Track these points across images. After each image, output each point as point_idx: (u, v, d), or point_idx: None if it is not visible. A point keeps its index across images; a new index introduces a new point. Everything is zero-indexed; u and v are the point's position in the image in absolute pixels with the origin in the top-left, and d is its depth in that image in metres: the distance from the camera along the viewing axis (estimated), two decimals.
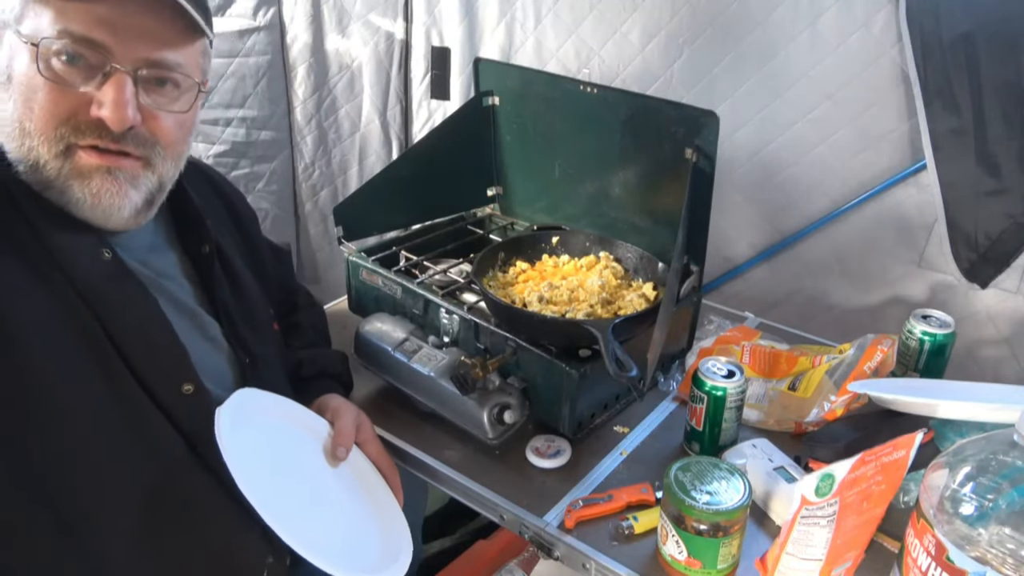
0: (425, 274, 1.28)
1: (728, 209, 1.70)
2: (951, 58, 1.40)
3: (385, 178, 1.38)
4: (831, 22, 1.50)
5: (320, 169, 2.26)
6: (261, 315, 1.03)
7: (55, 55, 0.72)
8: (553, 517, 0.99)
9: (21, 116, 0.73)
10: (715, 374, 1.05)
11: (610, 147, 1.32)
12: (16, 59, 0.73)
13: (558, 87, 1.39)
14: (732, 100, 1.64)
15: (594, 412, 1.15)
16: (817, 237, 1.67)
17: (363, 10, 2.03)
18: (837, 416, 1.08)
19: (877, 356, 1.13)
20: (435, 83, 2.07)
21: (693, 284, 1.24)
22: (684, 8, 1.62)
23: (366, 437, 1.04)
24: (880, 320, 1.61)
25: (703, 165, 1.16)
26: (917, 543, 0.76)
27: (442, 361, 1.12)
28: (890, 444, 0.79)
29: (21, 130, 0.74)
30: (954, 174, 1.45)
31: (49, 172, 0.75)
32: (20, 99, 0.73)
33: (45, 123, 0.74)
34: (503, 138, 1.50)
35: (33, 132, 0.74)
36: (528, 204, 1.53)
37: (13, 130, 0.74)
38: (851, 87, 1.52)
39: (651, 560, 0.92)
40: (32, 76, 0.73)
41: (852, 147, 1.56)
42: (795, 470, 1.00)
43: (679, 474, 0.89)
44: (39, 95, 0.73)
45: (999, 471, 0.71)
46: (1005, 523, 0.68)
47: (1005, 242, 1.45)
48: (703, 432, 1.07)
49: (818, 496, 0.78)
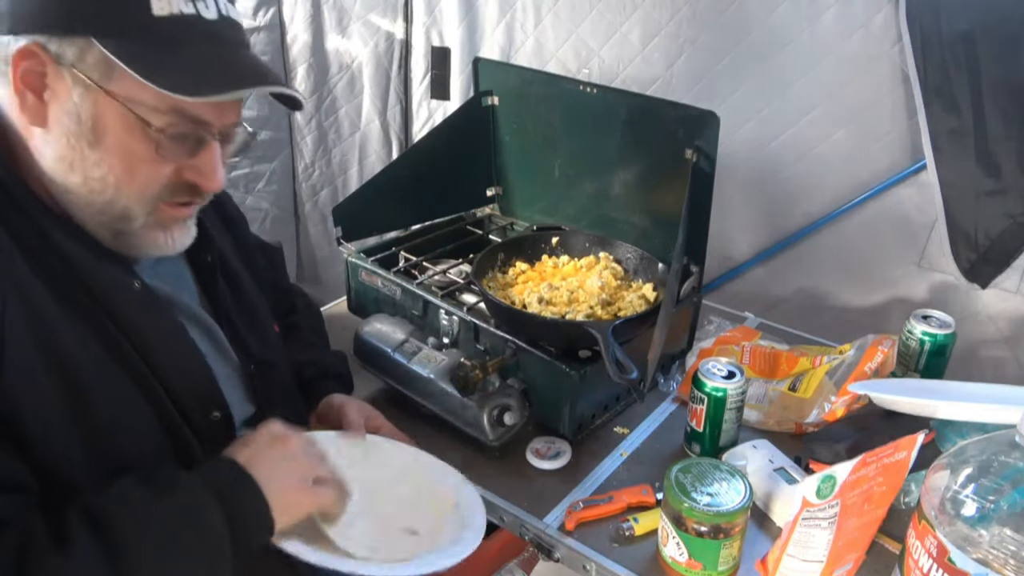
0: (424, 275, 1.28)
1: (728, 209, 1.70)
2: (951, 58, 1.40)
3: (385, 178, 1.38)
4: (831, 22, 1.50)
5: (320, 169, 2.26)
6: (262, 318, 1.03)
7: (165, 134, 0.72)
8: (553, 519, 0.99)
9: (119, 180, 0.74)
10: (715, 375, 1.04)
11: (610, 147, 1.32)
12: (108, 121, 0.72)
13: (558, 87, 1.39)
14: (732, 100, 1.64)
15: (594, 413, 1.14)
16: (817, 237, 1.67)
17: (363, 10, 2.03)
18: (837, 417, 1.08)
19: (877, 356, 1.13)
20: (435, 83, 2.07)
21: (693, 284, 1.24)
22: (684, 8, 1.62)
23: (377, 424, 1.04)
24: (880, 320, 1.61)
25: (703, 165, 1.16)
26: (919, 544, 0.75)
27: (442, 362, 1.12)
28: (891, 445, 0.79)
29: (116, 190, 0.74)
30: (954, 174, 1.45)
31: (133, 223, 0.77)
32: (119, 165, 0.73)
33: (145, 189, 0.75)
34: (502, 138, 1.50)
35: (131, 195, 0.75)
36: (528, 204, 1.53)
37: (104, 187, 0.74)
38: (851, 87, 1.52)
39: (652, 562, 0.92)
40: (138, 149, 0.73)
41: (852, 147, 1.56)
42: (796, 471, 1.00)
43: (680, 475, 0.89)
44: (144, 167, 0.74)
45: (1000, 472, 0.71)
46: (1007, 524, 0.68)
47: (1005, 242, 1.45)
48: (703, 433, 1.06)
49: (819, 498, 0.78)
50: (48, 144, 0.73)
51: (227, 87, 0.72)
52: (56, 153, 0.73)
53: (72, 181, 0.74)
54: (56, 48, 0.69)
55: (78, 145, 0.72)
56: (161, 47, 0.70)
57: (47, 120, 0.72)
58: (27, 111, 0.72)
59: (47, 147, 0.73)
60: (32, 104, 0.71)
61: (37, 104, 0.71)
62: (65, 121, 0.71)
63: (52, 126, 0.72)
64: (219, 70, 0.73)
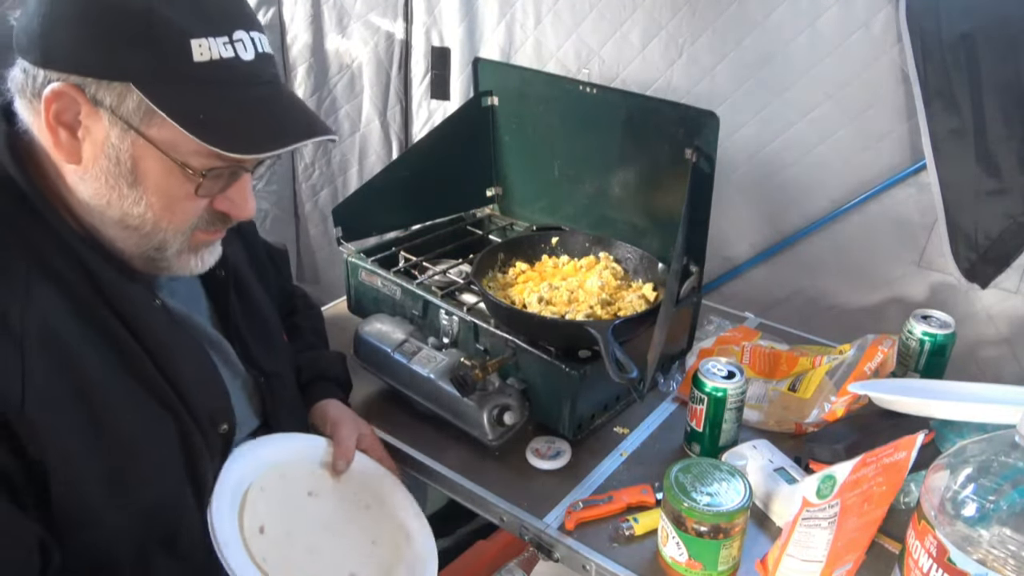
0: (424, 275, 1.28)
1: (728, 209, 1.70)
2: (951, 58, 1.39)
3: (385, 178, 1.38)
4: (831, 22, 1.50)
5: (320, 169, 2.26)
6: (272, 330, 1.04)
7: (205, 176, 0.73)
8: (553, 519, 0.99)
9: (158, 217, 0.74)
10: (715, 375, 1.04)
11: (610, 147, 1.31)
12: (148, 164, 0.71)
13: (558, 87, 1.39)
14: (732, 100, 1.63)
15: (594, 413, 1.14)
16: (817, 237, 1.67)
17: (363, 10, 2.03)
18: (837, 417, 1.08)
19: (877, 357, 1.13)
20: (435, 83, 2.07)
21: (693, 285, 1.24)
22: (684, 8, 1.62)
23: (367, 444, 1.04)
24: (880, 320, 1.61)
25: (703, 165, 1.16)
26: (918, 544, 0.75)
27: (442, 362, 1.12)
28: (891, 445, 0.79)
29: (155, 225, 0.75)
30: (954, 174, 1.45)
31: (167, 251, 0.78)
32: (158, 203, 0.73)
33: (183, 223, 0.76)
34: (502, 138, 1.50)
35: (169, 228, 0.76)
36: (527, 204, 1.53)
37: (143, 223, 0.74)
38: (851, 87, 1.52)
39: (651, 562, 0.92)
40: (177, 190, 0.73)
41: (852, 147, 1.56)
42: (796, 471, 1.00)
43: (679, 475, 0.89)
44: (182, 204, 0.74)
45: (1000, 472, 0.71)
46: (1006, 524, 0.68)
47: (1005, 242, 1.45)
48: (703, 433, 1.06)
49: (819, 498, 0.78)
50: (84, 181, 0.72)
51: (275, 143, 0.72)
52: (93, 190, 0.72)
53: (109, 215, 0.74)
54: (94, 91, 0.68)
55: (116, 184, 0.72)
56: (202, 94, 0.69)
57: (82, 158, 0.71)
58: (61, 148, 0.70)
59: (83, 183, 0.72)
60: (66, 141, 0.70)
61: (71, 141, 0.70)
62: (103, 161, 0.71)
63: (88, 164, 0.71)
64: (265, 123, 0.73)
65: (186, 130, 0.68)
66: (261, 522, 0.87)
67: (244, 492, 0.87)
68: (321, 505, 0.94)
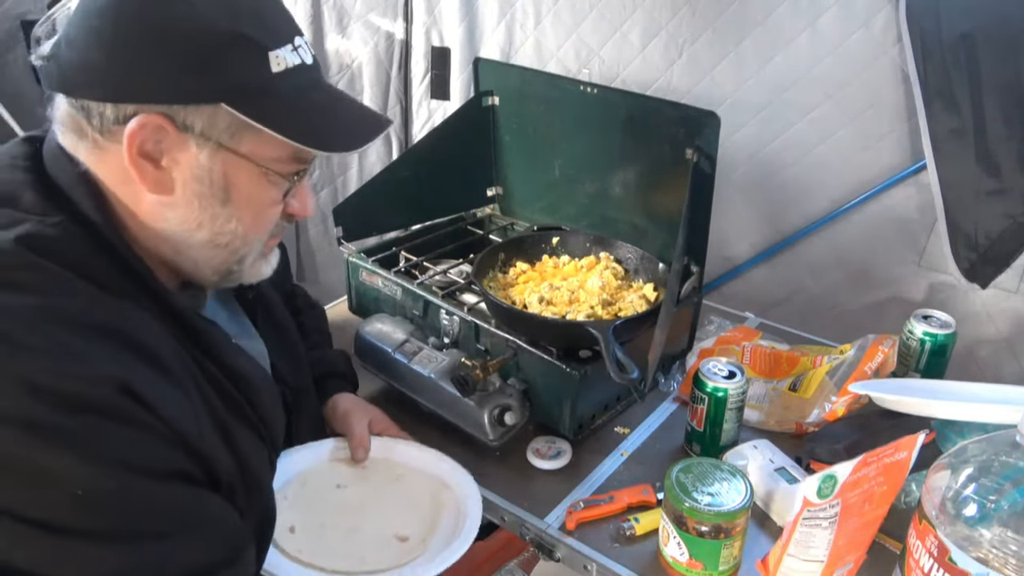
0: (425, 275, 1.28)
1: (728, 209, 1.70)
2: (951, 58, 1.40)
3: (385, 178, 1.38)
4: (831, 22, 1.50)
5: (320, 169, 2.25)
6: (296, 341, 1.05)
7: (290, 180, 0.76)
8: (554, 519, 0.99)
9: (248, 230, 0.76)
10: (716, 375, 1.04)
11: (610, 147, 1.32)
12: (239, 179, 0.73)
13: (558, 87, 1.39)
14: (732, 100, 1.64)
15: (595, 413, 1.14)
16: (817, 237, 1.67)
17: (363, 10, 2.03)
18: (838, 417, 1.08)
19: (878, 356, 1.13)
20: (435, 83, 2.07)
21: (693, 285, 1.24)
22: (684, 8, 1.62)
23: (382, 428, 1.07)
24: (880, 320, 1.61)
25: (703, 165, 1.16)
26: (919, 544, 0.76)
27: (442, 362, 1.12)
28: (892, 445, 0.79)
29: (243, 239, 0.76)
30: (954, 174, 1.45)
31: (246, 263, 0.80)
32: (249, 216, 0.75)
33: (267, 231, 0.79)
34: (503, 138, 1.50)
35: (254, 239, 0.78)
36: (528, 204, 1.53)
37: (232, 239, 0.76)
38: (851, 87, 1.52)
39: (652, 562, 0.92)
40: (265, 197, 0.75)
41: (852, 147, 1.56)
42: (796, 471, 1.00)
43: (680, 475, 0.89)
44: (269, 211, 0.77)
45: (1001, 472, 0.71)
46: (1007, 524, 0.68)
47: (1005, 242, 1.45)
48: (704, 433, 1.06)
49: (820, 497, 0.78)
50: (172, 208, 0.72)
51: (360, 138, 0.77)
52: (183, 216, 0.72)
53: (198, 238, 0.74)
54: (183, 118, 0.67)
55: (209, 205, 0.72)
56: (287, 102, 0.71)
57: (173, 187, 0.71)
58: (148, 181, 0.69)
59: (170, 211, 0.72)
60: (153, 174, 0.69)
61: (157, 172, 0.70)
62: (193, 185, 0.71)
63: (178, 191, 0.71)
64: (344, 120, 0.77)
65: (286, 137, 0.70)
66: (290, 524, 0.89)
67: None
68: (352, 492, 0.98)
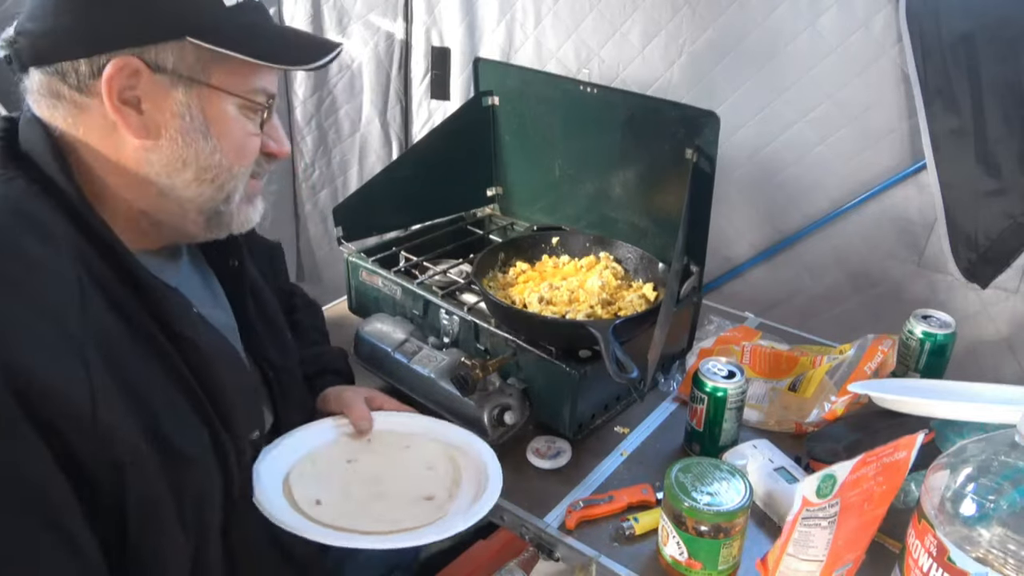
0: (425, 275, 1.28)
1: (728, 209, 1.70)
2: (951, 58, 1.40)
3: (385, 178, 1.38)
4: (831, 22, 1.50)
5: (320, 169, 2.26)
6: (280, 324, 1.04)
7: (264, 109, 0.80)
8: (554, 518, 0.99)
9: (231, 162, 0.79)
10: (715, 375, 1.04)
11: (610, 147, 1.32)
12: (215, 111, 0.76)
13: (558, 87, 1.39)
14: (732, 100, 1.64)
15: (594, 413, 1.14)
16: (817, 237, 1.67)
17: (363, 10, 2.03)
18: (838, 416, 1.08)
19: (877, 356, 1.13)
20: (435, 83, 2.07)
21: (693, 284, 1.24)
22: (684, 8, 1.62)
23: (380, 402, 1.06)
24: (880, 320, 1.61)
25: (703, 165, 1.16)
26: (918, 544, 0.76)
27: (442, 362, 1.12)
28: (891, 445, 0.79)
29: (228, 171, 0.79)
30: (954, 174, 1.45)
31: (232, 202, 0.82)
32: (229, 148, 0.78)
33: (247, 163, 0.82)
34: (503, 138, 1.50)
35: (238, 173, 0.80)
36: (528, 204, 1.53)
37: (217, 173, 0.78)
38: (851, 87, 1.52)
39: (652, 561, 0.92)
40: (242, 128, 0.79)
41: (852, 147, 1.56)
42: (796, 471, 1.00)
43: (680, 475, 0.89)
44: (249, 142, 0.80)
45: (1000, 472, 0.71)
46: (1006, 524, 0.68)
47: (1005, 242, 1.45)
48: (704, 433, 1.07)
49: (819, 497, 0.78)
50: (156, 151, 0.75)
51: (318, 56, 0.78)
52: (168, 156, 0.75)
53: (184, 177, 0.77)
54: (154, 56, 0.71)
55: (193, 140, 0.75)
56: (243, 31, 0.75)
57: (156, 129, 0.74)
58: (132, 127, 0.72)
59: (154, 154, 0.75)
60: (136, 119, 0.73)
61: (141, 117, 0.73)
62: (175, 123, 0.74)
63: (161, 132, 0.74)
64: (298, 42, 0.81)
65: (251, 58, 0.73)
66: (315, 498, 0.88)
67: (283, 483, 0.89)
68: (364, 464, 0.97)
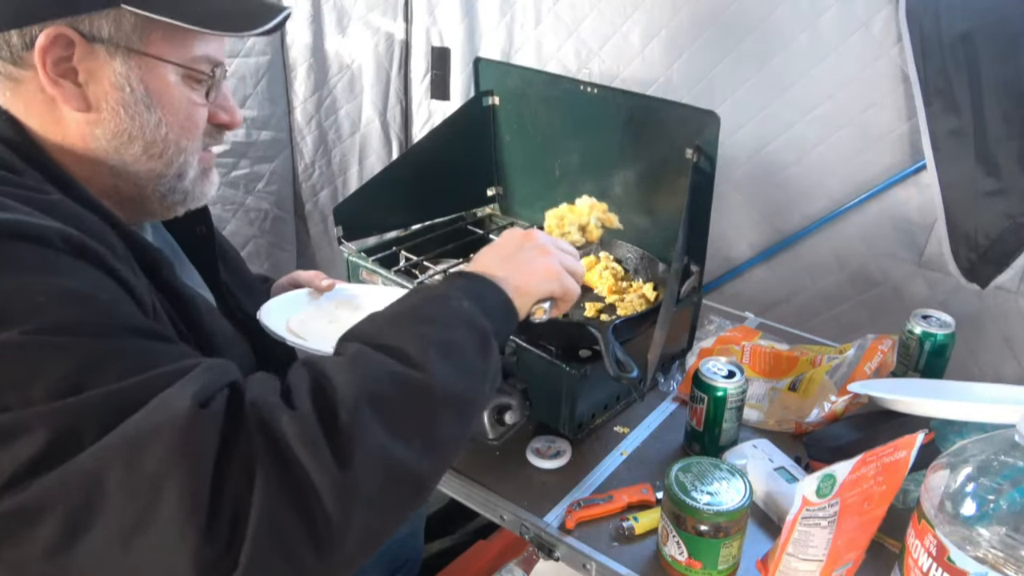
0: (425, 274, 1.28)
1: (728, 209, 1.70)
2: (951, 58, 1.39)
3: (385, 178, 1.38)
4: (831, 22, 1.50)
5: (320, 169, 2.26)
6: (250, 279, 1.07)
7: (210, 79, 0.77)
8: (553, 518, 0.99)
9: (178, 135, 0.77)
10: (715, 374, 1.05)
11: (610, 147, 1.32)
12: (157, 81, 0.74)
13: (558, 87, 1.39)
14: (732, 100, 1.64)
15: (594, 413, 1.14)
16: (817, 237, 1.67)
17: (363, 10, 2.03)
18: (837, 416, 1.08)
19: (877, 356, 1.13)
20: (435, 83, 2.07)
21: (693, 284, 1.24)
22: (684, 8, 1.62)
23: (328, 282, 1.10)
24: (880, 320, 1.61)
25: (703, 165, 1.16)
26: (918, 544, 0.76)
27: None
28: (891, 445, 0.79)
29: (176, 144, 0.77)
30: (954, 174, 1.45)
31: (186, 177, 0.80)
32: (175, 119, 0.76)
33: (196, 136, 0.79)
34: (503, 138, 1.50)
35: (188, 148, 0.79)
36: (528, 204, 1.53)
37: (165, 146, 0.76)
38: (851, 87, 1.52)
39: (652, 561, 0.92)
40: (186, 99, 0.76)
41: (852, 147, 1.56)
42: (796, 470, 1.00)
43: (680, 475, 0.89)
44: (195, 113, 0.78)
45: (1000, 472, 0.71)
46: (1006, 524, 0.68)
47: (1005, 242, 1.44)
48: (703, 432, 1.07)
49: (819, 497, 0.78)
50: (99, 124, 0.73)
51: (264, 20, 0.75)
52: (113, 129, 0.73)
53: (132, 152, 0.75)
54: (87, 27, 0.68)
55: (136, 112, 0.73)
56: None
57: (93, 102, 0.71)
58: (70, 100, 0.70)
59: (98, 127, 0.73)
60: (74, 91, 0.70)
61: (78, 90, 0.71)
62: (115, 94, 0.72)
63: (101, 104, 0.72)
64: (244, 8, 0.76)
65: (190, 24, 0.70)
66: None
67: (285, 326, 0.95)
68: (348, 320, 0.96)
